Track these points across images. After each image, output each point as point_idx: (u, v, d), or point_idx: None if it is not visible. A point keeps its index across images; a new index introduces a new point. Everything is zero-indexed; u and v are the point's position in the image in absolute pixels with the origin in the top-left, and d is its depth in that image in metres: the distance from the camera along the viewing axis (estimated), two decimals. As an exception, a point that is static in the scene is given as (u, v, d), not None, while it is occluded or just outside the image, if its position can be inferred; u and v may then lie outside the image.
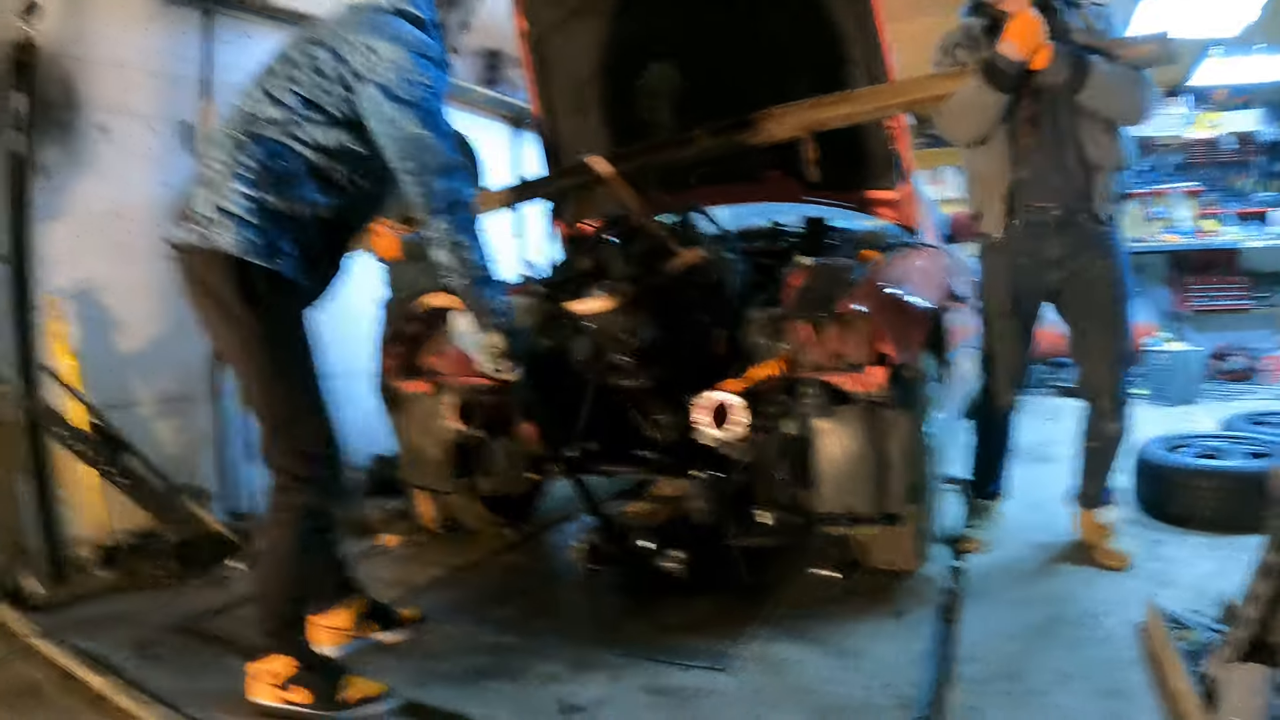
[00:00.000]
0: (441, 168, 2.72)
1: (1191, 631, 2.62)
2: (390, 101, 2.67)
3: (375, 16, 2.79)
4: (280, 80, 2.72)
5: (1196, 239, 9.01)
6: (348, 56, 2.70)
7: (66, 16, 4.20)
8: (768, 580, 3.50)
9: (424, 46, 2.76)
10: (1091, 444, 3.73)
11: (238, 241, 2.58)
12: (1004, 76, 3.28)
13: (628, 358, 3.26)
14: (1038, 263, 3.59)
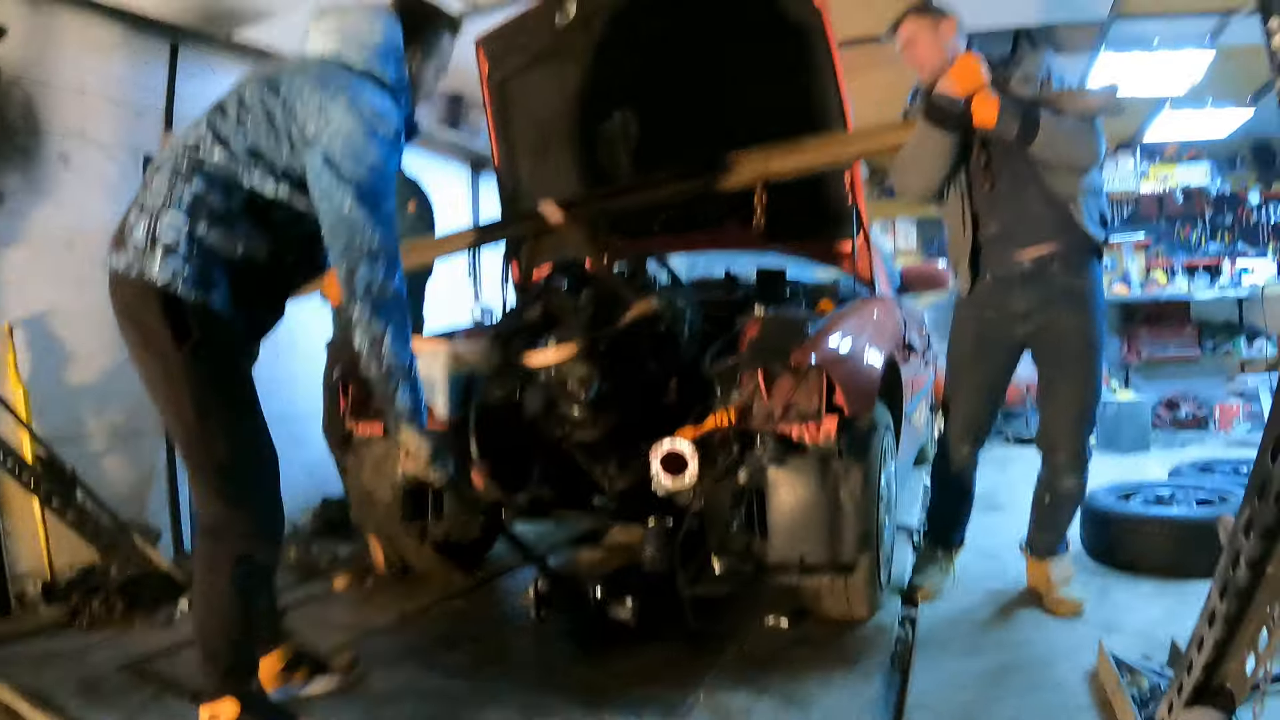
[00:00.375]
0: (369, 253, 2.62)
1: (1141, 677, 2.64)
2: (330, 173, 2.59)
3: (338, 76, 2.69)
4: (229, 122, 2.66)
5: (1146, 290, 9.16)
6: (299, 114, 2.62)
7: (31, 41, 4.22)
8: (720, 629, 3.48)
9: (379, 121, 2.66)
10: (1044, 498, 3.71)
11: (167, 272, 2.51)
12: (946, 115, 3.29)
13: (579, 410, 3.25)
14: (1005, 316, 3.59)
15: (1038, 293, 3.52)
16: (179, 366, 2.56)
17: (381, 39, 2.77)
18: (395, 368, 2.69)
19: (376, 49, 2.76)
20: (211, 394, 2.62)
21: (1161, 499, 4.31)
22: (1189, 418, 8.68)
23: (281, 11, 4.74)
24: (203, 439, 2.63)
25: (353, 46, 2.75)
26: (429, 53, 2.96)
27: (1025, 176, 3.45)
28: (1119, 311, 9.34)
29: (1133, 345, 9.21)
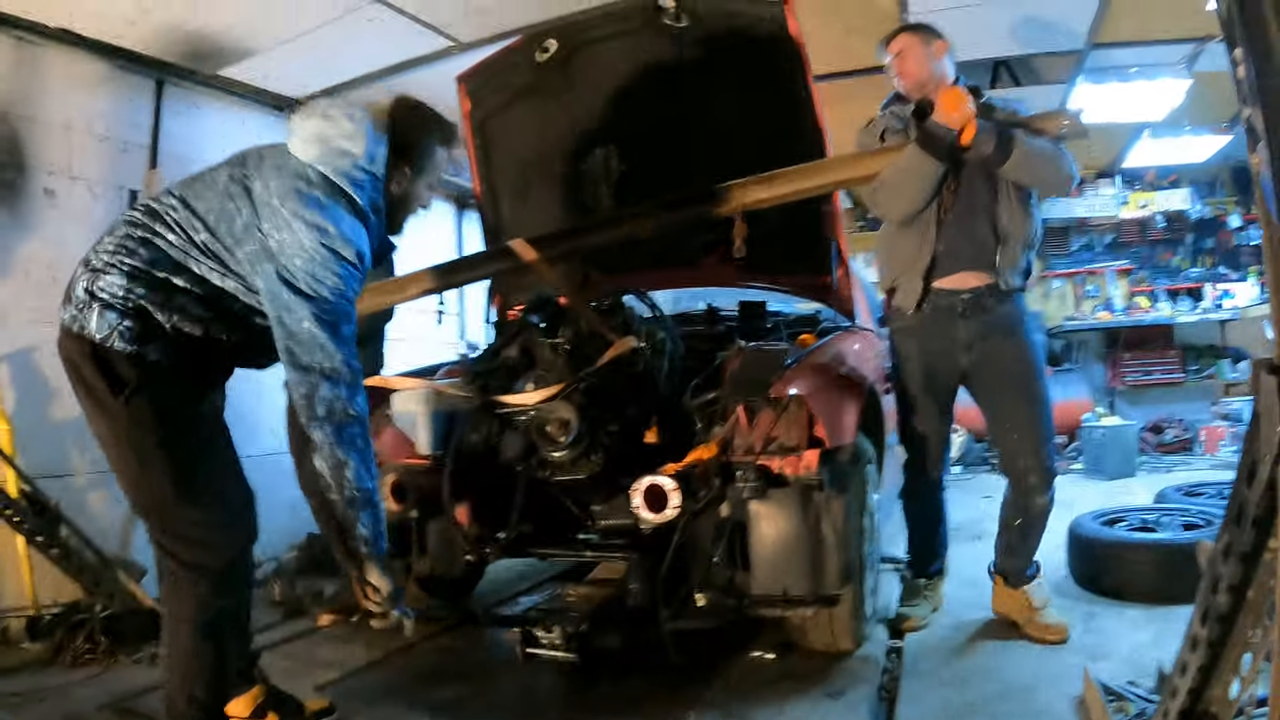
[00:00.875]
0: (329, 373, 2.57)
1: (1128, 703, 2.63)
2: (288, 290, 2.54)
3: (311, 190, 2.62)
4: (189, 213, 2.62)
5: (1129, 316, 9.23)
6: (265, 221, 2.58)
7: (16, 76, 4.27)
8: (705, 662, 3.47)
9: (343, 244, 2.58)
10: (1015, 521, 3.68)
11: (104, 327, 2.50)
12: (940, 144, 3.33)
13: (559, 454, 3.24)
14: (949, 346, 3.65)
15: (977, 322, 3.60)
16: (118, 415, 2.54)
17: (361, 153, 2.69)
18: (358, 497, 2.66)
19: (354, 167, 2.68)
20: (152, 440, 2.57)
21: (1147, 524, 4.31)
22: (1174, 441, 8.69)
23: (265, 50, 4.80)
24: (148, 486, 2.61)
25: (331, 159, 2.66)
26: (420, 169, 2.89)
27: (980, 203, 3.56)
28: (1102, 337, 9.41)
29: (1117, 370, 9.27)
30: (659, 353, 3.56)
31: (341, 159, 2.66)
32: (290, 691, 3.10)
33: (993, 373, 3.63)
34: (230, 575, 2.70)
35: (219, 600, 2.66)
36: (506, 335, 3.73)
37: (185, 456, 2.62)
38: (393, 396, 3.63)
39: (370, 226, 2.73)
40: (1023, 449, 3.60)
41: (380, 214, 2.80)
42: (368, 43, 4.84)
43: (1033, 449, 3.58)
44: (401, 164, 2.82)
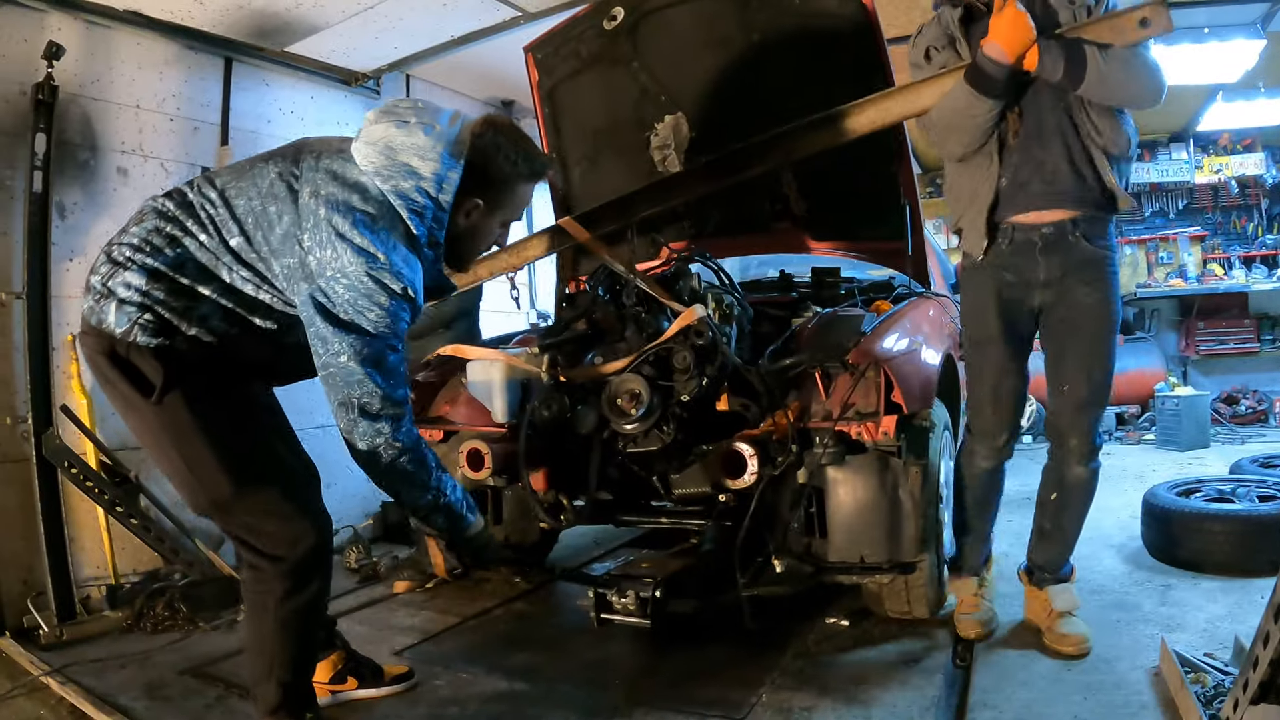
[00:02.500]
0: (368, 409, 2.39)
1: (1205, 675, 2.61)
2: (323, 317, 2.33)
3: (365, 208, 2.37)
4: (226, 212, 2.41)
5: (1202, 283, 9.05)
6: (306, 234, 2.34)
7: (88, 59, 4.33)
8: (780, 629, 3.49)
9: (395, 277, 2.33)
10: (1051, 495, 3.32)
11: (122, 320, 2.32)
12: (993, 82, 2.90)
13: (632, 425, 3.24)
14: (1024, 282, 3.17)
15: (1058, 260, 3.10)
16: (150, 418, 2.39)
17: (430, 176, 2.41)
18: (416, 510, 2.69)
19: (417, 190, 2.41)
20: (194, 440, 2.39)
21: (1223, 495, 4.24)
22: (1249, 412, 8.54)
23: (332, 24, 4.82)
24: (202, 486, 2.44)
25: (394, 176, 2.40)
26: (495, 204, 2.60)
27: (1052, 127, 3.05)
28: (1175, 305, 9.24)
29: (1190, 340, 9.10)
30: (727, 319, 3.55)
31: (406, 179, 2.40)
32: (368, 656, 3.17)
33: (1062, 318, 3.16)
34: (309, 562, 2.54)
35: (300, 589, 2.53)
36: (574, 307, 3.73)
37: (235, 449, 2.46)
38: (468, 365, 3.66)
39: (424, 259, 2.49)
40: (1067, 407, 3.20)
41: (439, 249, 2.55)
42: (435, 14, 4.85)
43: (1078, 409, 3.18)
44: (474, 195, 2.53)
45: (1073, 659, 3.10)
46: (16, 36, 4.08)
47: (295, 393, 2.75)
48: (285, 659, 2.55)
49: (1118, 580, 3.87)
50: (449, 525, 2.73)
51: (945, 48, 3.19)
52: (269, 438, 2.61)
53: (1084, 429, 3.19)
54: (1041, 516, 3.37)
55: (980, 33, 3.02)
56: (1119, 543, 4.38)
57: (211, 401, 2.44)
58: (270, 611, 2.51)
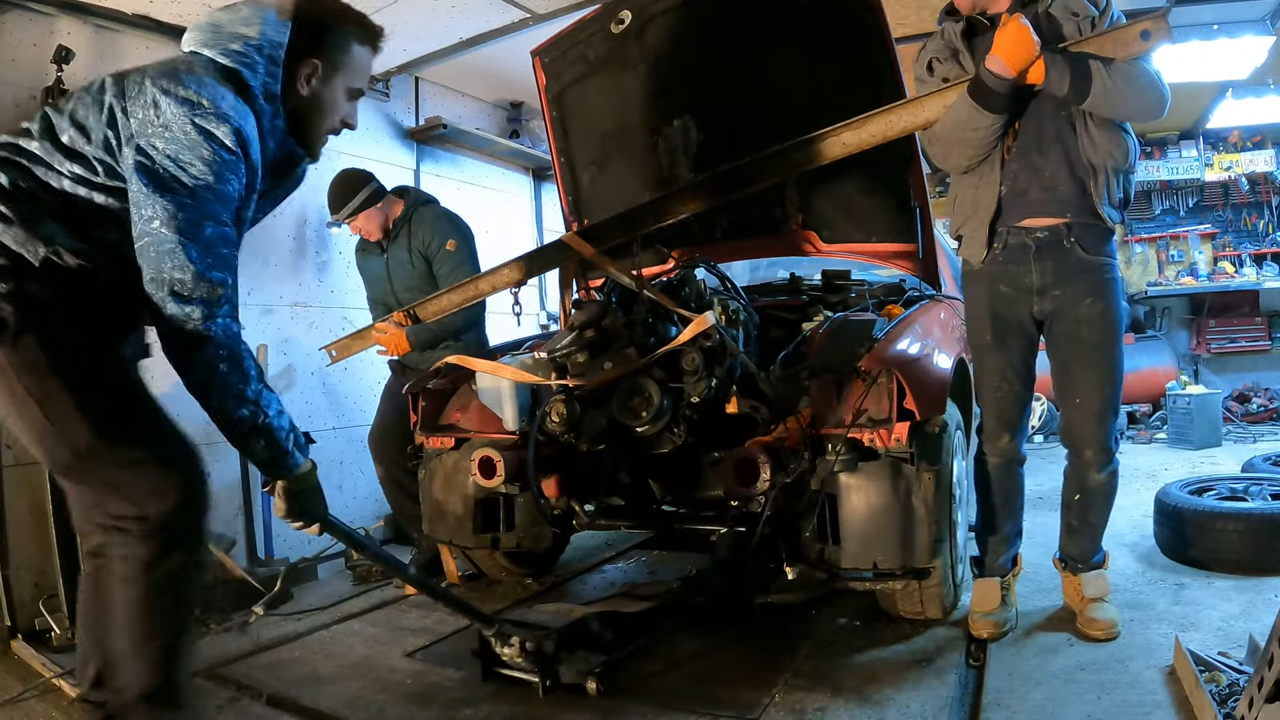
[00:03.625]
0: (179, 284, 2.16)
1: (1220, 673, 2.60)
2: (140, 178, 2.15)
3: (190, 70, 2.23)
4: (61, 112, 2.26)
5: (1213, 281, 9.03)
6: (132, 110, 2.19)
7: (97, 62, 4.33)
8: (794, 629, 3.50)
9: (219, 123, 2.18)
10: (1074, 497, 3.39)
11: None
12: (995, 96, 2.92)
13: (642, 427, 3.25)
14: (1019, 291, 3.23)
15: (1053, 266, 3.16)
16: (4, 362, 2.15)
17: (256, 35, 2.33)
18: (230, 425, 2.30)
19: (244, 44, 2.31)
20: (52, 382, 2.16)
21: (1236, 494, 4.21)
22: (1261, 410, 8.49)
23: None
24: (61, 435, 2.19)
25: (220, 43, 2.31)
26: (334, 65, 2.48)
27: (1051, 136, 3.09)
28: (1186, 303, 9.22)
29: (1201, 338, 9.09)
30: (733, 324, 3.56)
31: (232, 41, 2.30)
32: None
33: (1065, 328, 3.21)
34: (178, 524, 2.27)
35: (168, 554, 2.25)
36: (584, 314, 3.74)
37: (97, 392, 2.24)
38: (478, 373, 3.68)
39: (261, 114, 2.34)
40: (1081, 418, 3.27)
41: (276, 103, 2.39)
42: (443, 16, 4.86)
43: (1092, 419, 3.24)
44: (310, 57, 2.42)
45: (1101, 641, 3.18)
46: (26, 40, 4.10)
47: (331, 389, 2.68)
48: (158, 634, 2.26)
49: (1131, 579, 3.85)
50: (270, 456, 2.37)
51: (948, 60, 3.23)
52: (142, 395, 2.37)
53: (1100, 440, 3.26)
54: (1068, 515, 3.44)
55: (983, 46, 3.07)
56: (1132, 542, 4.37)
57: (73, 346, 2.22)
58: (136, 580, 2.21)
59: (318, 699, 3.14)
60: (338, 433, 5.26)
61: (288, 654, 3.67)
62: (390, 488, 4.62)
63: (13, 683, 3.39)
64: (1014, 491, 3.48)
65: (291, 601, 4.36)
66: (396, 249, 4.66)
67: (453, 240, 4.61)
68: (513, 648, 3.00)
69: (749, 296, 3.95)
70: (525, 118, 7.08)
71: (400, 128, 6.17)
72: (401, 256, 4.65)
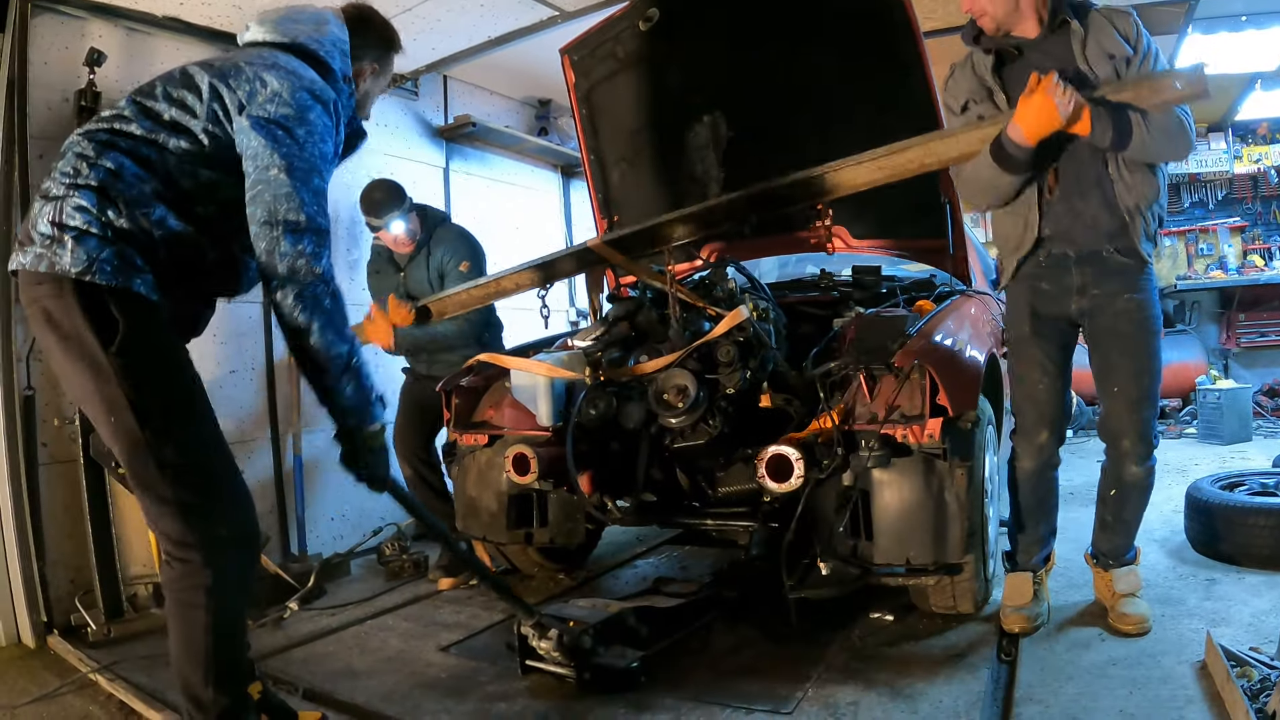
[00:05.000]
0: (292, 227, 2.36)
1: (1251, 669, 2.60)
2: (260, 134, 2.37)
3: (275, 54, 2.53)
4: (154, 96, 2.43)
5: (1243, 274, 8.96)
6: (235, 85, 2.41)
7: (129, 64, 4.40)
8: (827, 624, 3.51)
9: (318, 89, 2.50)
10: (1110, 491, 3.38)
11: (80, 259, 2.21)
12: (1015, 161, 2.99)
13: (679, 420, 3.28)
14: (1059, 290, 3.26)
15: (1093, 269, 3.20)
16: (110, 368, 2.24)
17: (327, 35, 2.66)
18: (327, 361, 2.45)
19: (321, 38, 2.64)
20: (151, 395, 2.29)
21: (1267, 489, 4.20)
22: (1292, 405, 8.45)
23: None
24: (149, 448, 2.28)
25: (293, 32, 2.62)
26: (381, 69, 2.90)
27: (1091, 180, 3.14)
28: (1216, 297, 9.16)
29: (1231, 332, 9.02)
30: (764, 320, 3.57)
31: (309, 34, 2.63)
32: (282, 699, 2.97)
33: (1104, 322, 3.24)
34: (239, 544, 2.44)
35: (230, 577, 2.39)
36: (619, 310, 3.76)
37: (186, 411, 2.39)
38: (512, 370, 3.70)
39: (341, 96, 2.64)
40: (1119, 409, 3.27)
41: (352, 85, 2.73)
42: (472, 15, 4.88)
43: (1130, 409, 3.24)
44: (370, 61, 2.83)
45: (1133, 637, 3.18)
46: (58, 44, 4.15)
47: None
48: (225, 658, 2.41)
49: (1162, 575, 3.84)
50: (358, 400, 2.53)
51: (984, 100, 3.26)
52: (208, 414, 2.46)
53: (1138, 429, 3.25)
54: (1103, 510, 3.44)
55: (1015, 75, 3.14)
56: (1162, 537, 4.36)
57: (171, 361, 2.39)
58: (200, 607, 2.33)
59: (354, 693, 3.17)
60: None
61: (323, 649, 3.70)
62: (417, 486, 4.66)
63: (50, 678, 3.46)
64: (1049, 495, 3.48)
65: (325, 597, 4.41)
66: (415, 267, 4.72)
67: (467, 263, 4.67)
68: (550, 641, 3.02)
69: (779, 293, 3.96)
70: (554, 115, 7.10)
71: (430, 126, 6.21)
72: (420, 275, 4.71)
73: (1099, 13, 3.12)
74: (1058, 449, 3.41)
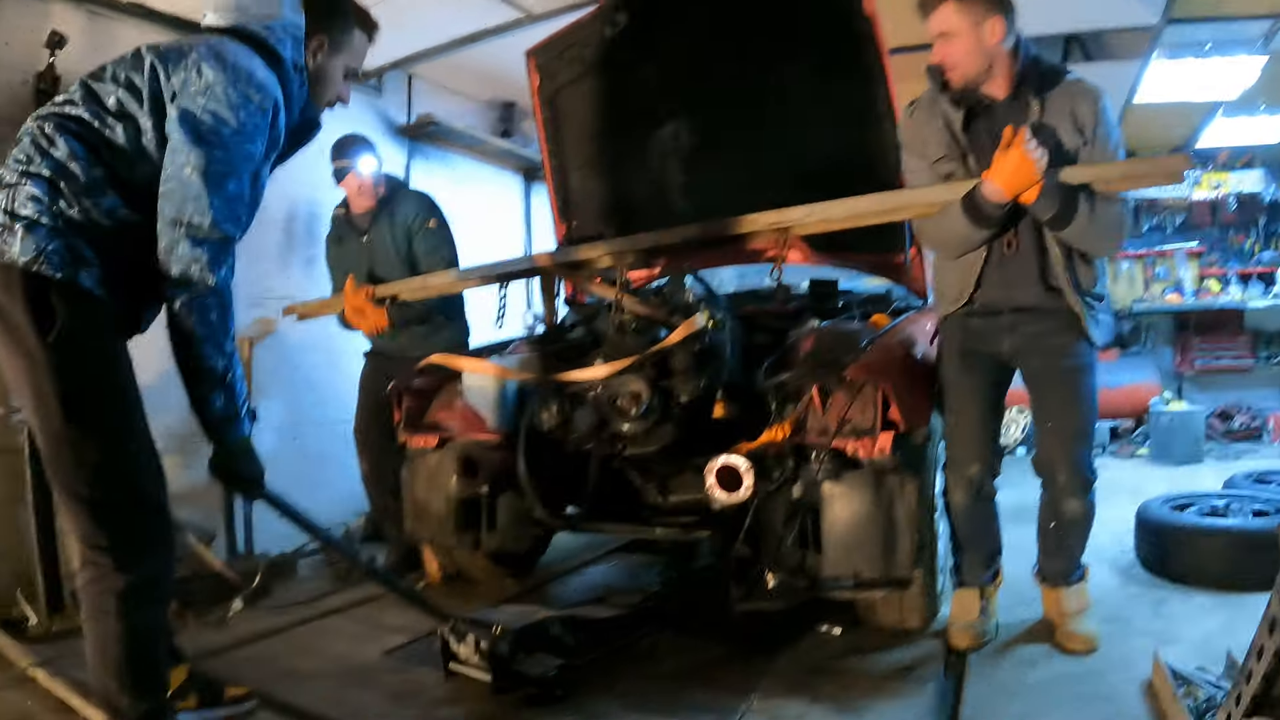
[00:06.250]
0: (194, 229, 2.30)
1: (1197, 688, 2.60)
2: (183, 129, 2.31)
3: (224, 41, 2.45)
4: (103, 79, 2.40)
5: (1199, 299, 9.07)
6: (174, 72, 2.36)
7: (90, 49, 4.29)
8: (772, 636, 3.49)
9: (253, 88, 2.39)
10: (1049, 525, 3.36)
11: (29, 249, 2.20)
12: (989, 218, 2.97)
13: (631, 426, 3.26)
14: (991, 328, 3.26)
15: (1024, 311, 3.22)
16: (43, 359, 2.24)
17: (278, 14, 2.55)
18: (201, 372, 2.40)
19: (269, 21, 2.53)
20: (81, 391, 2.29)
21: (1216, 510, 4.23)
22: (1243, 429, 8.52)
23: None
24: (71, 444, 2.29)
25: (244, 16, 2.52)
26: (336, 46, 2.72)
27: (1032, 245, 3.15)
28: (1171, 321, 9.26)
29: (1185, 355, 9.11)
30: (719, 330, 3.57)
31: (259, 18, 2.52)
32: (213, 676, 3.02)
33: (1037, 361, 3.26)
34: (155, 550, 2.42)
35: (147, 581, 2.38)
36: (575, 314, 3.75)
37: (116, 412, 2.39)
38: (464, 373, 3.67)
39: (289, 83, 2.56)
40: (1053, 444, 3.27)
41: (303, 74, 2.63)
42: (438, 13, 4.86)
43: (1062, 445, 3.24)
44: (317, 36, 2.66)
45: (1080, 655, 3.20)
46: (20, 25, 4.08)
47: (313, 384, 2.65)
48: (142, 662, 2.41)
49: (1111, 594, 3.86)
50: (226, 413, 2.46)
51: (956, 159, 3.20)
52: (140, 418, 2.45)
53: (1072, 463, 3.24)
54: (1045, 539, 3.43)
55: (983, 130, 3.12)
56: (1112, 556, 4.38)
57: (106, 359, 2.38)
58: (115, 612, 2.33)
59: (297, 695, 3.12)
60: (320, 428, 5.24)
61: (267, 649, 3.65)
62: (373, 483, 4.60)
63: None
64: (987, 522, 3.48)
65: (271, 597, 4.34)
66: (378, 230, 4.64)
67: (434, 219, 4.64)
68: (468, 646, 2.99)
69: (736, 304, 3.96)
70: (517, 117, 7.07)
71: (392, 124, 6.17)
72: (384, 237, 4.62)
73: (1064, 91, 3.09)
74: (991, 480, 3.40)
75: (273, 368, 5.06)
